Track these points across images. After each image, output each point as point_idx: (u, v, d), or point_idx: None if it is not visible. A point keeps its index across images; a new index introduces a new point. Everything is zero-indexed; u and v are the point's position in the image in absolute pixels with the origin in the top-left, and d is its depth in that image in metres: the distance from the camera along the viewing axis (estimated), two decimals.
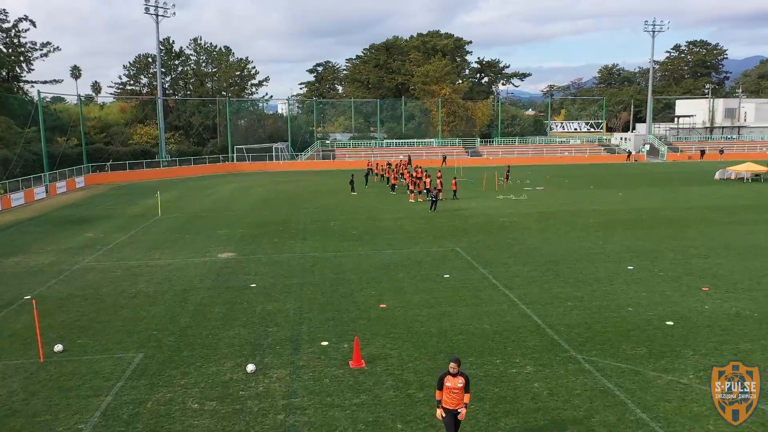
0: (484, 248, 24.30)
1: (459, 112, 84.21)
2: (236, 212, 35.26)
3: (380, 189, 45.67)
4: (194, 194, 45.20)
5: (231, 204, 39.17)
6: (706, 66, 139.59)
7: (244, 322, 15.99)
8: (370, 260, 22.54)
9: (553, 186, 46.50)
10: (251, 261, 22.80)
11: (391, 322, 15.79)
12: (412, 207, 36.22)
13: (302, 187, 48.77)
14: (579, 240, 25.64)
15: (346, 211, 35.02)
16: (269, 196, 42.68)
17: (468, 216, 32.33)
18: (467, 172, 58.31)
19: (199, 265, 22.29)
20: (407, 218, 32.02)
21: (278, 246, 25.39)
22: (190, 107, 74.64)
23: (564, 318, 15.86)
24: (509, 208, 35.05)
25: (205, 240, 26.97)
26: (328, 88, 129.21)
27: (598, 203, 36.61)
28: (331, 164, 69.64)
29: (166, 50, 76.57)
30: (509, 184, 46.66)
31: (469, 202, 37.97)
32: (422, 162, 63.94)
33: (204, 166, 64.40)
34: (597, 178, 53.02)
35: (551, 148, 77.17)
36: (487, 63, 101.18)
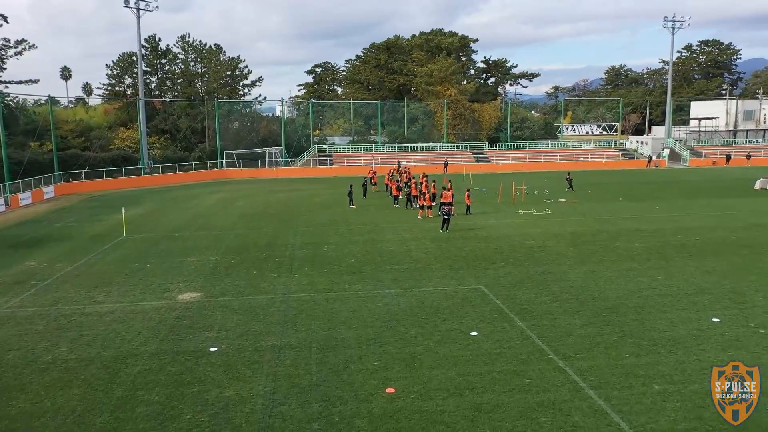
0: (514, 286, 19.22)
1: (465, 115, 79.05)
2: (214, 231, 30.18)
3: (382, 201, 40.58)
4: (172, 207, 40.12)
5: (211, 220, 34.07)
6: (719, 66, 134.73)
7: (189, 422, 10.90)
8: (372, 306, 17.45)
9: (575, 197, 41.40)
10: (218, 306, 17.71)
11: (404, 422, 10.71)
12: (419, 224, 31.13)
13: (295, 198, 43.68)
14: (632, 275, 20.54)
15: (343, 230, 29.93)
16: (256, 210, 37.58)
17: (487, 238, 27.22)
18: (477, 179, 53.20)
19: (151, 312, 17.19)
20: (415, 240, 26.94)
21: (256, 282, 20.30)
22: (178, 109, 69.58)
23: (658, 417, 10.76)
24: (533, 227, 29.96)
25: (168, 272, 21.87)
26: (327, 89, 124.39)
27: (637, 221, 31.51)
28: (328, 171, 64.56)
29: (152, 48, 71.54)
30: (527, 195, 41.57)
31: (485, 218, 32.88)
32: (427, 169, 58.90)
33: (190, 173, 59.33)
34: (622, 187, 47.92)
35: (566, 153, 71.96)
36: (493, 63, 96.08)
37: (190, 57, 73.75)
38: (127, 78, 72.64)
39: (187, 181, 57.56)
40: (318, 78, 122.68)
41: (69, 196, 47.22)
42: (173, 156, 62.90)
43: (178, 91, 74.75)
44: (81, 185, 51.01)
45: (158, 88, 74.10)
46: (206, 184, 55.16)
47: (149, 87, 73.52)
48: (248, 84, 77.25)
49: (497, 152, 72.14)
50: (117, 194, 48.31)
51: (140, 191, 50.37)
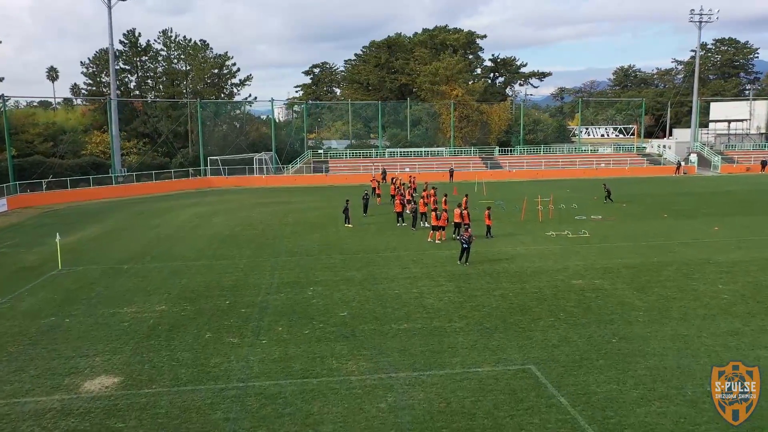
0: (579, 365, 13.12)
1: (473, 116, 72.85)
2: (174, 262, 24.06)
3: (385, 218, 34.46)
4: (136, 225, 34.00)
5: (175, 245, 27.93)
6: (735, 66, 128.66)
7: None
8: (370, 408, 11.36)
9: (611, 212, 35.27)
10: (136, 408, 11.60)
11: None
12: (431, 252, 24.99)
13: (281, 213, 37.53)
14: (743, 344, 14.42)
15: (335, 261, 23.79)
16: (233, 230, 31.45)
17: (520, 274, 21.08)
18: (489, 189, 47.06)
19: (29, 421, 11.08)
20: (427, 277, 20.83)
21: (206, 356, 14.18)
22: (159, 111, 63.46)
23: None
24: (575, 256, 23.81)
25: (89, 333, 15.76)
26: (326, 90, 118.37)
27: (701, 247, 25.33)
28: (323, 179, 58.35)
29: (131, 44, 65.42)
30: (554, 210, 35.40)
31: (510, 243, 26.72)
32: (432, 177, 52.84)
33: (169, 182, 53.17)
34: (660, 200, 41.67)
35: (584, 158, 65.66)
36: (501, 61, 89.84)
37: (174, 54, 67.59)
38: (104, 76, 66.34)
39: (164, 191, 51.43)
40: (316, 79, 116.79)
41: (23, 210, 41.04)
42: (152, 162, 56.72)
43: (161, 90, 68.56)
44: (40, 197, 44.85)
45: (138, 88, 67.92)
46: (185, 195, 49.02)
47: (128, 86, 67.42)
48: (237, 83, 71.07)
49: (509, 158, 65.85)
50: (80, 208, 42.18)
51: (107, 204, 44.27)
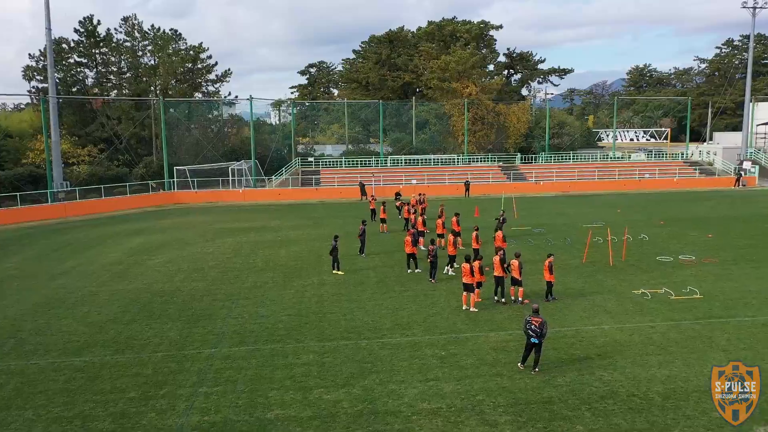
0: None
1: (488, 119, 63.05)
2: (49, 354, 14.31)
3: (390, 258, 24.71)
4: (40, 269, 24.24)
5: (67, 314, 18.12)
6: (764, 64, 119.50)
7: None
8: None
9: (702, 248, 25.46)
10: None
11: None
12: (471, 338, 15.22)
13: (249, 248, 27.73)
14: None
15: (307, 361, 13.99)
16: (170, 283, 21.66)
17: (646, 400, 11.28)
18: (520, 208, 37.22)
19: None
20: (473, 412, 11.05)
21: None
22: (120, 112, 53.74)
23: None
24: (701, 343, 14.01)
25: None
26: (323, 91, 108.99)
27: None
28: (312, 194, 48.56)
29: (88, 33, 55.70)
30: (628, 248, 25.54)
31: (588, 313, 16.91)
32: (442, 191, 43.10)
33: (123, 198, 43.41)
34: (752, 227, 31.58)
35: (624, 167, 55.59)
36: (518, 56, 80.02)
37: (140, 45, 57.86)
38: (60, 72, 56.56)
39: (115, 209, 41.68)
40: (312, 79, 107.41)
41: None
42: (105, 174, 46.95)
43: (125, 88, 58.77)
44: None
45: (98, 85, 58.10)
46: (137, 217, 39.19)
47: (84, 83, 57.65)
48: (213, 79, 61.25)
49: (534, 167, 55.86)
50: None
51: (31, 230, 34.54)
